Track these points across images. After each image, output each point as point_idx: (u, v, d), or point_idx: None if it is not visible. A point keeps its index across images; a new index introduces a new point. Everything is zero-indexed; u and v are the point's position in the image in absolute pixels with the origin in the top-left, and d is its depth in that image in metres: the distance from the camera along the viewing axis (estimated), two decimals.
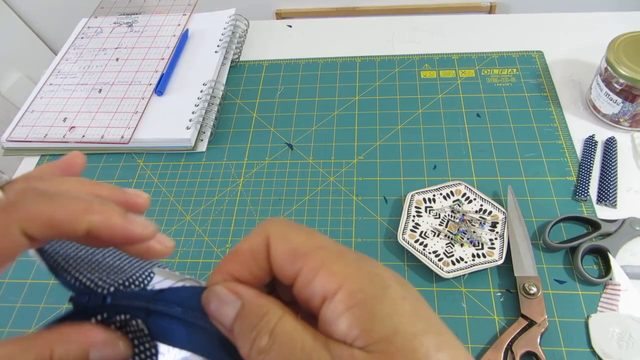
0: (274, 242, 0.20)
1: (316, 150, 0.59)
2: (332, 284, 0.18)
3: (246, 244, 0.21)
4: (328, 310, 0.18)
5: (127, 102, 0.65)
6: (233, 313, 0.19)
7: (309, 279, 0.19)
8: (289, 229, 0.21)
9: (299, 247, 0.20)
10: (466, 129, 0.58)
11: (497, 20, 0.72)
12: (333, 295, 0.18)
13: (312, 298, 0.19)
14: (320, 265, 0.19)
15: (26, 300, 0.51)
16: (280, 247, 0.20)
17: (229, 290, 0.20)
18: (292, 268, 0.20)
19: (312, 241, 0.20)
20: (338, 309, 0.18)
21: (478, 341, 0.43)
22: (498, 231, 0.48)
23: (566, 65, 0.64)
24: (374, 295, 0.18)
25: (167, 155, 0.61)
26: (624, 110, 0.54)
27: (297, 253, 0.20)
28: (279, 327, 0.18)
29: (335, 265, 0.19)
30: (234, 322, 0.19)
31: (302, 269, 0.19)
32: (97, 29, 0.77)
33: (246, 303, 0.19)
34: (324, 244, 0.20)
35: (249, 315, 0.19)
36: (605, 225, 0.47)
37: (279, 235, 0.21)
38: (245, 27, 0.75)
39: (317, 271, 0.19)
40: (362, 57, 0.69)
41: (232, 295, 0.20)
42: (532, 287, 0.44)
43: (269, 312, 0.19)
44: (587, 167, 0.53)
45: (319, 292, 0.19)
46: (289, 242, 0.20)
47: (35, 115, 0.65)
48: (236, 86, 0.68)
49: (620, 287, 0.44)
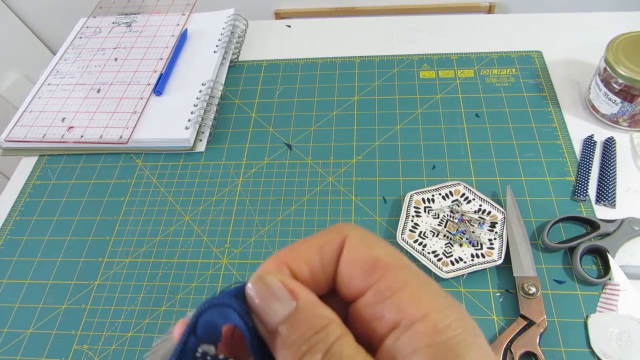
0: (352, 244, 0.18)
1: (315, 151, 0.59)
2: (414, 310, 0.16)
3: (317, 239, 0.19)
4: (399, 340, 0.15)
5: (125, 102, 0.65)
6: (283, 314, 0.16)
7: (383, 296, 0.16)
8: (371, 236, 0.18)
9: (380, 258, 0.17)
10: (465, 129, 0.58)
11: (496, 20, 0.72)
12: (411, 324, 0.15)
13: (379, 320, 0.16)
14: (404, 285, 0.16)
15: (25, 300, 0.51)
16: (358, 251, 0.18)
17: (283, 285, 0.17)
18: (364, 279, 0.17)
19: (398, 257, 0.17)
20: (415, 342, 0.15)
21: None
22: (497, 231, 0.48)
23: (565, 65, 0.64)
24: (464, 340, 0.15)
25: (165, 155, 0.61)
26: (623, 110, 0.54)
27: (376, 264, 0.17)
28: (337, 347, 0.15)
29: (423, 291, 0.16)
30: (282, 324, 0.16)
31: (377, 283, 0.17)
32: (96, 28, 0.77)
33: (302, 307, 0.16)
34: (410, 265, 0.17)
35: (303, 322, 0.16)
36: (604, 225, 0.47)
37: (360, 239, 0.18)
38: (244, 27, 0.75)
39: (398, 291, 0.16)
40: (361, 57, 0.69)
41: (286, 291, 0.17)
42: (531, 287, 0.44)
43: (328, 326, 0.16)
44: (586, 167, 0.53)
45: (392, 315, 0.16)
46: (370, 249, 0.17)
47: (34, 115, 0.65)
48: (235, 86, 0.68)
49: (619, 287, 0.44)
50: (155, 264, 0.52)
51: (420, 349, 0.15)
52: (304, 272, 0.18)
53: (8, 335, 0.49)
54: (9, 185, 0.62)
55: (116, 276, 0.51)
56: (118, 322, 0.48)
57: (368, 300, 0.17)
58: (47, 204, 0.59)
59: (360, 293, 0.17)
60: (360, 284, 0.17)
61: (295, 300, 0.16)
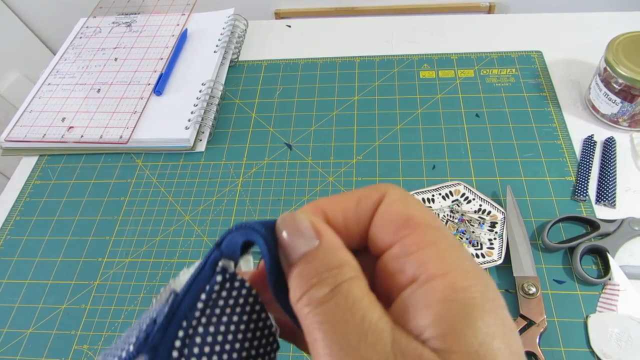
0: (390, 200, 0.18)
1: (315, 150, 0.59)
2: (435, 266, 0.15)
3: (356, 192, 0.19)
4: (415, 294, 0.15)
5: (125, 102, 0.65)
6: (304, 249, 0.17)
7: (408, 250, 0.16)
8: (410, 196, 0.18)
9: (414, 216, 0.17)
10: (465, 129, 0.58)
11: (496, 20, 0.72)
12: (429, 279, 0.15)
13: (400, 273, 0.16)
14: (431, 243, 0.16)
15: (25, 300, 0.51)
16: (394, 207, 0.18)
17: (310, 224, 0.17)
18: (395, 234, 0.17)
19: (431, 218, 0.17)
20: (429, 296, 0.15)
21: None
22: (497, 231, 0.48)
23: (565, 65, 0.64)
24: (481, 305, 0.15)
25: (165, 155, 0.61)
26: (623, 110, 0.54)
27: (409, 221, 0.17)
28: (346, 285, 0.16)
29: (449, 252, 0.16)
30: (301, 258, 0.16)
31: (405, 238, 0.17)
32: (96, 28, 0.77)
33: (324, 246, 0.17)
34: (443, 227, 0.17)
35: (320, 259, 0.16)
36: (604, 225, 0.47)
37: (398, 196, 0.18)
38: (244, 27, 0.75)
39: (423, 247, 0.16)
40: (361, 57, 0.69)
41: (312, 230, 0.17)
42: (531, 287, 0.44)
43: (342, 266, 0.16)
44: (586, 167, 0.53)
45: (412, 269, 0.16)
46: (406, 207, 0.18)
47: (34, 115, 0.65)
48: (235, 86, 0.68)
49: (619, 287, 0.44)
50: (155, 264, 0.52)
51: (433, 304, 0.15)
52: (338, 221, 0.18)
53: (8, 335, 0.49)
54: (9, 185, 0.62)
55: (116, 276, 0.51)
56: (118, 322, 0.48)
57: (393, 253, 0.17)
58: (47, 204, 0.59)
59: (389, 247, 0.17)
60: (390, 237, 0.17)
61: (318, 240, 0.17)
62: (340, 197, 0.19)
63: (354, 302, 0.15)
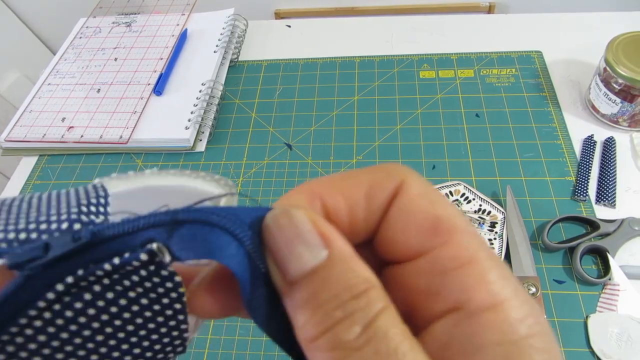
0: (412, 193, 0.14)
1: (315, 151, 0.59)
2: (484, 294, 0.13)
3: (364, 175, 0.15)
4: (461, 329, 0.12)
5: (125, 102, 0.65)
6: (312, 263, 0.12)
7: (444, 267, 0.13)
8: (433, 189, 0.15)
9: (444, 218, 0.14)
10: (465, 129, 0.58)
11: (496, 20, 0.72)
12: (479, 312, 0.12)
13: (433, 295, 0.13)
14: (472, 259, 0.13)
15: None
16: (417, 204, 0.14)
17: (314, 226, 0.13)
18: (422, 240, 0.14)
19: (464, 221, 0.14)
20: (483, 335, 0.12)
21: None
22: (497, 231, 0.48)
23: (565, 65, 0.64)
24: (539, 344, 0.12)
25: (165, 155, 0.61)
26: (623, 110, 0.54)
27: (439, 224, 0.14)
28: (382, 324, 0.12)
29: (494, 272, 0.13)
30: (307, 276, 0.12)
31: (439, 249, 0.13)
32: (96, 28, 0.76)
33: (336, 260, 0.13)
34: (478, 234, 0.14)
35: (337, 281, 0.12)
36: (604, 225, 0.47)
37: (421, 189, 0.14)
38: (244, 27, 0.75)
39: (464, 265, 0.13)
40: (361, 57, 0.69)
41: (317, 235, 0.13)
42: (531, 287, 0.44)
43: (369, 291, 0.12)
44: (586, 167, 0.53)
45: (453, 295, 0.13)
46: (432, 205, 0.14)
47: (34, 115, 0.65)
48: (235, 86, 0.68)
49: (619, 287, 0.44)
50: None
51: (488, 346, 0.12)
52: (342, 214, 0.14)
53: None
54: (9, 185, 0.62)
55: None
56: None
57: (422, 267, 0.14)
58: None
59: (412, 255, 0.14)
60: (414, 244, 0.14)
61: (327, 250, 0.13)
62: (342, 180, 0.15)
63: (396, 347, 0.11)
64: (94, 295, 0.13)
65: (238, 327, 0.46)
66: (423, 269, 0.14)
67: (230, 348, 0.45)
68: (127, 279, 0.13)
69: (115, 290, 0.13)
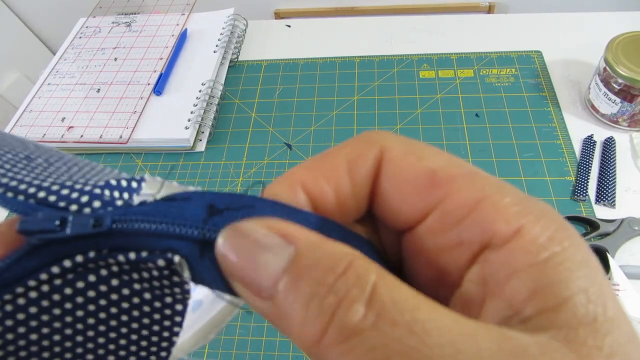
0: (395, 156, 0.13)
1: (315, 150, 0.59)
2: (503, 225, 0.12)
3: (341, 152, 0.14)
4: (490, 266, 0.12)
5: (125, 102, 0.65)
6: (281, 264, 0.11)
7: (455, 217, 0.12)
8: (417, 143, 0.14)
9: (439, 169, 0.13)
10: (465, 129, 0.58)
11: (496, 20, 0.72)
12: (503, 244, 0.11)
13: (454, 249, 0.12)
14: (480, 197, 0.12)
15: None
16: (405, 165, 0.13)
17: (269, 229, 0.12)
18: (422, 200, 0.13)
19: (459, 163, 0.13)
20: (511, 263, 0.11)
21: None
22: None
23: (565, 65, 0.64)
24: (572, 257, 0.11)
25: (165, 155, 0.61)
26: (623, 110, 0.54)
27: (435, 177, 0.13)
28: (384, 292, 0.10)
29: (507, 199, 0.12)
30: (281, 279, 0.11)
31: (443, 202, 0.13)
32: (96, 28, 0.76)
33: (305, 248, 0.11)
34: (478, 170, 0.13)
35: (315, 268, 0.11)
36: (603, 225, 0.47)
37: (404, 149, 0.14)
38: (244, 27, 0.75)
39: (475, 206, 0.12)
40: (360, 57, 0.69)
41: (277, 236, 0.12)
42: None
43: (353, 263, 0.11)
44: (586, 167, 0.53)
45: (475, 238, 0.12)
46: (421, 160, 0.13)
47: (34, 115, 0.65)
48: (235, 86, 0.68)
49: (618, 287, 0.44)
50: None
51: (520, 270, 0.11)
52: (328, 196, 0.14)
53: None
54: None
55: None
56: None
57: (432, 226, 0.13)
58: None
59: (419, 217, 0.13)
60: (416, 206, 0.13)
61: (292, 245, 0.12)
62: (321, 162, 0.14)
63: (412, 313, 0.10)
64: (98, 278, 0.13)
65: (238, 327, 0.46)
66: (436, 226, 0.13)
67: (231, 348, 0.45)
68: (136, 272, 0.13)
69: (122, 279, 0.13)
